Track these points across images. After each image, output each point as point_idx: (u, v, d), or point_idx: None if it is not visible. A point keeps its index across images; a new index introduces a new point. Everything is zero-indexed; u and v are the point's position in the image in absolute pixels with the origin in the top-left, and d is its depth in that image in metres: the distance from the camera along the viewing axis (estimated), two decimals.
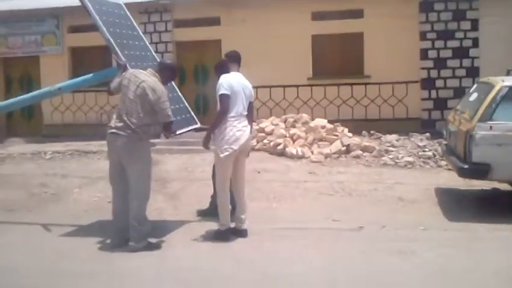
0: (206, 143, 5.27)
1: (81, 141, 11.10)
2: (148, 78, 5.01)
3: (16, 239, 5.56)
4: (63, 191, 7.75)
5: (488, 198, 6.94)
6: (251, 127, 5.39)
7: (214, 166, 5.55)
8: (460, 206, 6.54)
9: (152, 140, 5.35)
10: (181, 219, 6.15)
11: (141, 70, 5.19)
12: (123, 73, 5.23)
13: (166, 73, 5.18)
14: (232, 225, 5.37)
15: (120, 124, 4.97)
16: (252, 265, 4.61)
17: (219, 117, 5.16)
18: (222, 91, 5.14)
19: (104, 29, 5.70)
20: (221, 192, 5.28)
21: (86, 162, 9.78)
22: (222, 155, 5.13)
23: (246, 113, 5.28)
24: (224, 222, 5.27)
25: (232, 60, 5.55)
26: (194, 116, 6.31)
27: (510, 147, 5.84)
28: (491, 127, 5.88)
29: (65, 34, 13.63)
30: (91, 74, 6.07)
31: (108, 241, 5.12)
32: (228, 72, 5.33)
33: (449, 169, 7.85)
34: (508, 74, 6.86)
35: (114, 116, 5.08)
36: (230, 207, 5.36)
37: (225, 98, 5.12)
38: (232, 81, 5.20)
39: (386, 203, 6.78)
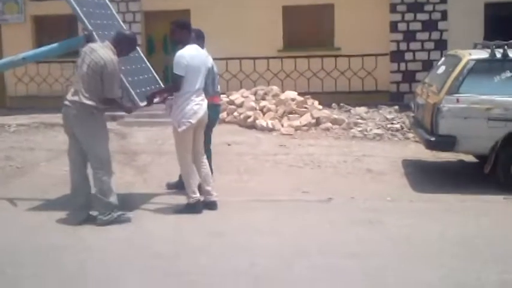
0: (150, 101, 5.39)
1: (47, 114, 10.83)
2: (103, 51, 4.88)
3: None
4: (30, 165, 7.59)
5: (454, 170, 7.10)
6: (219, 99, 5.42)
7: None
8: (427, 177, 6.67)
9: (120, 113, 5.27)
10: (151, 192, 6.10)
11: (98, 43, 5.07)
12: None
13: (123, 45, 5.04)
14: (202, 198, 5.36)
15: (73, 98, 4.88)
16: (222, 237, 4.63)
17: (168, 91, 5.44)
18: (177, 71, 5.12)
19: None
20: (184, 165, 5.29)
21: (52, 135, 9.58)
22: (180, 129, 5.15)
23: (203, 86, 5.32)
24: (192, 195, 5.27)
25: (196, 38, 5.53)
26: (163, 85, 6.20)
27: (476, 120, 5.96)
28: (458, 100, 5.97)
29: (27, 2, 13.13)
30: (56, 44, 5.88)
31: (74, 216, 5.04)
32: (187, 42, 5.25)
33: (416, 141, 7.99)
34: (475, 47, 6.94)
35: (71, 89, 4.98)
36: (199, 178, 5.35)
37: (178, 79, 5.12)
38: (190, 58, 5.15)
39: (355, 174, 6.87)
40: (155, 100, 5.53)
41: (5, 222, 5.16)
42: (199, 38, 5.68)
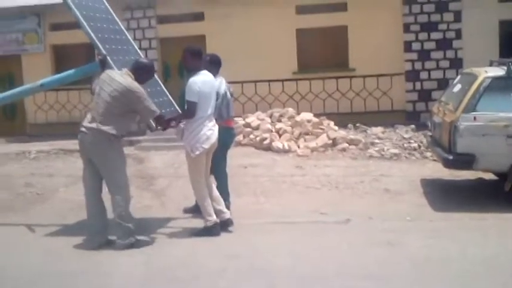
0: (167, 126, 5.46)
1: (66, 140, 10.96)
2: (123, 79, 4.96)
3: (0, 240, 5.49)
4: (49, 191, 7.67)
5: (473, 188, 7.00)
6: (233, 122, 5.45)
7: None
8: (446, 196, 6.59)
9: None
10: (169, 216, 6.12)
11: (116, 71, 5.15)
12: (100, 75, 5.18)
13: (141, 72, 5.12)
14: (218, 220, 5.35)
15: (90, 124, 4.94)
16: (240, 259, 4.61)
17: (183, 117, 5.39)
18: (191, 98, 5.18)
19: (85, 23, 5.64)
20: (198, 189, 5.32)
21: (71, 161, 9.69)
22: (193, 154, 5.20)
23: (213, 111, 5.42)
24: (208, 218, 5.27)
25: (210, 63, 5.66)
26: (178, 109, 6.26)
27: (494, 138, 5.89)
28: (475, 118, 5.93)
29: (47, 32, 13.45)
30: (73, 70, 6.01)
31: (92, 241, 5.07)
32: (199, 69, 5.32)
33: (434, 160, 7.91)
34: (490, 64, 6.90)
35: (87, 116, 5.04)
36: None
37: (192, 106, 5.19)
38: (202, 84, 5.22)
39: (373, 195, 6.81)
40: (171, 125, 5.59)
41: (25, 247, 5.21)
42: (214, 64, 5.77)
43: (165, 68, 12.91)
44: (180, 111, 5.85)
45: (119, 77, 4.98)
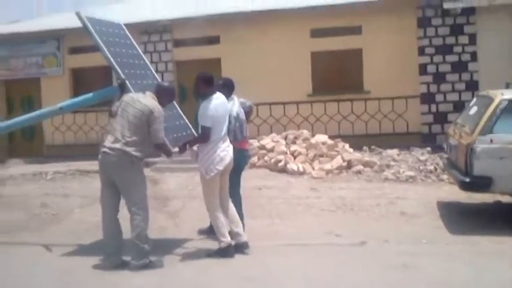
0: (183, 149, 5.53)
1: (83, 161, 11.11)
2: (148, 101, 5.06)
3: (17, 260, 5.52)
4: (64, 211, 7.74)
5: (490, 211, 6.91)
6: (247, 144, 5.50)
7: None
8: (462, 219, 6.51)
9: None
10: (183, 238, 6.12)
11: (140, 93, 5.24)
12: (122, 96, 5.26)
13: (163, 95, 5.23)
14: (233, 242, 5.35)
15: (114, 145, 4.99)
16: (254, 282, 4.58)
17: (198, 141, 5.43)
18: (205, 123, 5.24)
19: (105, 48, 5.75)
20: (212, 211, 5.33)
21: (87, 182, 9.78)
22: (208, 176, 5.24)
23: (227, 132, 5.46)
24: (222, 239, 5.27)
25: (223, 86, 5.74)
26: (194, 132, 6.32)
27: (511, 160, 5.84)
28: (491, 140, 5.88)
29: (66, 55, 13.74)
30: (91, 93, 6.11)
31: (107, 261, 5.08)
32: (212, 92, 5.37)
33: (451, 183, 7.84)
34: (507, 87, 6.88)
35: (109, 137, 5.09)
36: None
37: (206, 130, 5.24)
38: (215, 108, 5.27)
39: (388, 217, 6.76)
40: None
41: (41, 267, 5.24)
42: (227, 87, 5.82)
43: (181, 90, 13.04)
44: (195, 134, 5.90)
45: (143, 99, 5.08)
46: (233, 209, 5.49)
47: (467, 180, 5.98)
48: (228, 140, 5.44)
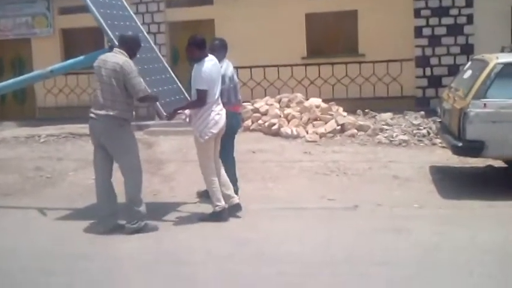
0: (173, 116, 5.43)
1: (76, 124, 11.01)
2: (114, 58, 4.97)
3: (11, 223, 5.56)
4: (59, 174, 7.74)
5: (482, 176, 6.97)
6: (240, 107, 5.50)
7: None
8: (455, 183, 6.57)
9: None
10: (178, 201, 6.16)
11: (108, 53, 5.13)
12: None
13: (128, 46, 5.10)
14: (227, 205, 5.38)
15: (100, 111, 4.95)
16: (248, 245, 4.63)
17: (193, 106, 5.33)
18: (200, 86, 5.17)
19: (94, 9, 5.63)
20: (207, 174, 5.33)
21: (80, 145, 9.74)
22: (202, 140, 5.21)
23: (220, 95, 5.40)
24: (217, 203, 5.30)
25: (218, 47, 5.67)
26: (188, 96, 6.26)
27: (504, 125, 5.84)
28: (485, 104, 5.87)
29: (56, 16, 13.47)
30: (83, 56, 6.02)
31: (101, 225, 5.11)
32: (205, 55, 5.29)
33: (443, 147, 7.87)
34: (502, 50, 6.83)
35: (95, 103, 5.03)
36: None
37: (203, 94, 5.18)
38: (209, 71, 5.21)
39: (381, 181, 6.80)
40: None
41: (36, 231, 5.27)
42: (221, 49, 5.76)
43: (174, 52, 12.88)
44: (189, 99, 5.85)
45: (112, 57, 5.00)
46: (223, 171, 5.50)
47: (460, 144, 6.00)
48: (221, 103, 5.40)
